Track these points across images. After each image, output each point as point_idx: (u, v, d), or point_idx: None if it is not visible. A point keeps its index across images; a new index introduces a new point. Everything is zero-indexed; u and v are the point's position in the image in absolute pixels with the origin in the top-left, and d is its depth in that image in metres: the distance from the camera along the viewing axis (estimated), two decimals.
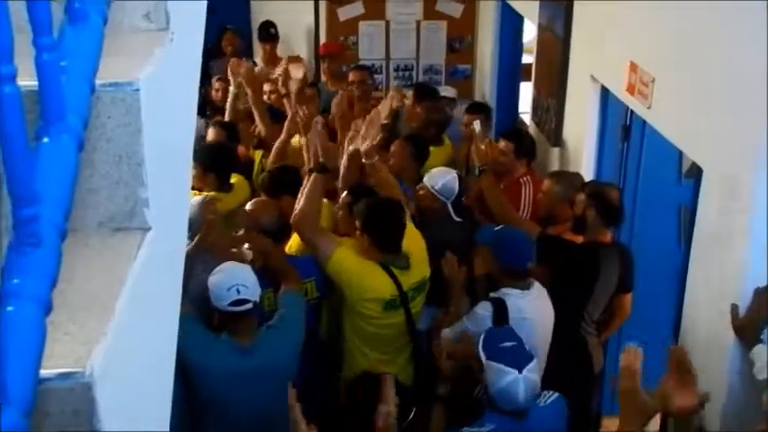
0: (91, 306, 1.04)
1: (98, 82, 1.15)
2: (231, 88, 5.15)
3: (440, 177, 4.28)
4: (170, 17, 1.47)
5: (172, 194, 1.39)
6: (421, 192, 4.34)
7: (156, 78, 1.26)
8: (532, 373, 2.95)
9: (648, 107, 3.77)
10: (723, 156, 3.19)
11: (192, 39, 1.63)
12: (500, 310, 3.46)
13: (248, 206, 3.87)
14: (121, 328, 1.04)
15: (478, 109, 5.62)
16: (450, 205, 4.26)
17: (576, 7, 4.75)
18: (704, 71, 3.30)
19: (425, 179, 4.32)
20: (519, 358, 2.97)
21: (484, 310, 3.50)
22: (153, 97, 1.23)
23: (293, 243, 3.94)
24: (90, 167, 1.21)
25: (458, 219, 4.30)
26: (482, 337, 3.12)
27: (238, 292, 3.10)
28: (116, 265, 1.14)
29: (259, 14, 7.18)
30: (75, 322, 1.02)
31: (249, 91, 4.96)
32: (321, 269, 3.70)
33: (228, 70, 5.13)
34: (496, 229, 3.75)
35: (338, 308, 3.84)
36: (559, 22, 4.96)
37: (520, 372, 2.90)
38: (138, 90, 1.19)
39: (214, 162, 4.42)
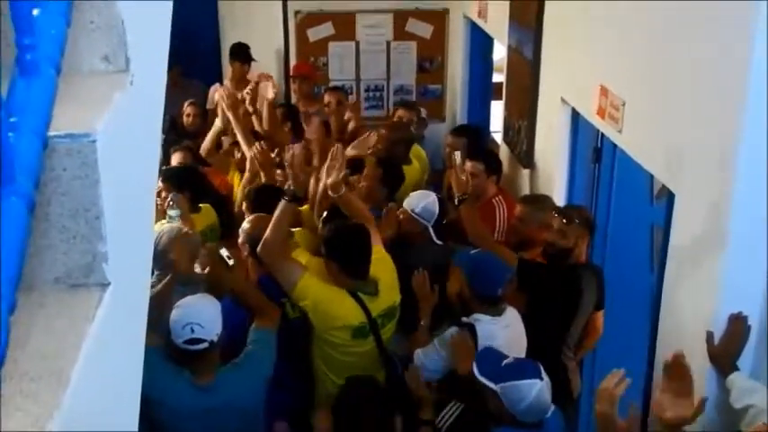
0: (45, 376, 0.98)
1: (53, 133, 1.10)
2: (217, 121, 5.10)
3: (419, 200, 4.25)
4: (130, 59, 1.42)
5: (132, 247, 1.33)
6: (401, 216, 4.29)
7: (115, 127, 1.20)
8: (546, 376, 2.95)
9: (619, 131, 3.76)
10: (695, 181, 3.18)
11: (153, 79, 1.57)
12: (470, 336, 3.42)
13: (245, 224, 3.81)
14: (78, 397, 0.98)
15: (463, 132, 5.62)
16: (430, 228, 4.23)
17: (546, 30, 4.75)
18: (675, 95, 3.30)
19: (405, 203, 4.28)
20: (531, 368, 2.96)
21: (449, 332, 3.47)
22: (111, 147, 1.17)
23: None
24: (45, 222, 1.15)
25: (439, 242, 4.27)
26: (475, 367, 3.04)
27: (192, 331, 3.03)
28: (73, 328, 1.07)
29: (229, 36, 7.13)
30: (29, 395, 0.95)
31: (232, 118, 4.89)
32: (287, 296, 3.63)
33: (215, 99, 5.07)
34: (472, 252, 3.70)
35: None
36: (528, 44, 4.96)
37: (542, 379, 2.90)
38: (94, 141, 1.13)
39: (187, 182, 4.37)
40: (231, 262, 4.12)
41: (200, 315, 3.08)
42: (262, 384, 3.32)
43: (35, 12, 1.07)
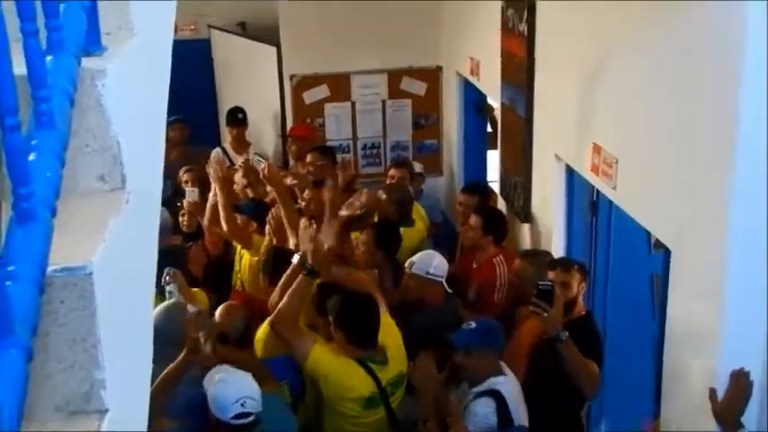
0: None
1: (49, 268, 1.13)
2: (211, 196, 5.14)
3: (430, 260, 4.30)
4: (126, 176, 1.46)
5: (131, 373, 1.36)
6: (411, 283, 4.30)
7: (111, 255, 1.23)
8: None
9: (614, 187, 3.81)
10: (690, 237, 3.22)
11: (148, 195, 1.62)
12: (501, 402, 3.42)
13: (217, 313, 3.83)
14: None
15: (476, 190, 5.66)
16: (444, 282, 4.29)
17: (537, 89, 4.83)
18: (668, 153, 3.35)
19: (415, 267, 4.29)
20: None
21: (485, 407, 3.41)
22: (108, 277, 1.21)
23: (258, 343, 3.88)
24: (43, 353, 1.17)
25: (450, 290, 4.36)
26: None
27: (243, 405, 3.06)
28: None
29: (225, 100, 7.24)
30: None
31: (220, 193, 4.91)
32: (299, 368, 3.66)
33: (211, 176, 5.09)
34: (472, 328, 3.58)
35: (315, 408, 3.78)
36: (521, 102, 5.04)
37: None
38: (91, 273, 1.16)
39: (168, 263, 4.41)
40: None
41: (250, 388, 3.11)
42: None
43: (31, 157, 1.11)
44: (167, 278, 4.17)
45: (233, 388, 3.09)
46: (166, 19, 1.90)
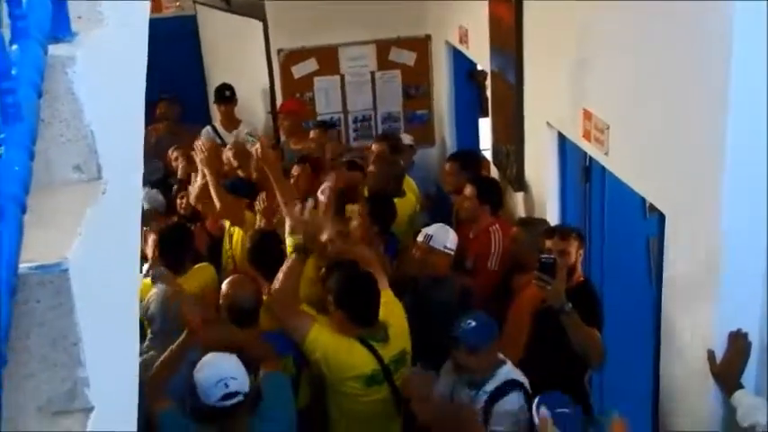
0: None
1: (24, 266, 1.10)
2: (199, 177, 5.08)
3: (445, 234, 4.27)
4: (101, 166, 1.43)
5: (115, 370, 1.34)
6: (430, 258, 4.20)
7: (88, 248, 1.20)
8: None
9: (606, 153, 3.78)
10: (683, 200, 3.19)
11: (127, 183, 1.58)
12: (524, 390, 3.40)
13: (224, 285, 3.81)
14: None
15: (454, 157, 5.64)
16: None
17: (526, 55, 4.77)
18: (659, 118, 3.31)
19: (433, 243, 4.20)
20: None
21: (515, 403, 3.36)
22: (86, 272, 1.18)
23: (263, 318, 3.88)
24: (25, 353, 1.15)
25: None
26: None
27: (227, 386, 3.01)
28: None
29: (214, 78, 7.16)
30: None
31: (208, 174, 4.85)
32: (298, 348, 3.65)
33: (196, 154, 5.02)
34: (473, 326, 3.44)
35: (319, 379, 3.78)
36: (511, 69, 4.98)
37: None
38: (66, 270, 1.13)
39: (174, 243, 4.38)
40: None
41: (231, 369, 3.07)
42: (292, 429, 3.35)
43: None
44: (155, 278, 4.14)
45: (214, 370, 3.06)
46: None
